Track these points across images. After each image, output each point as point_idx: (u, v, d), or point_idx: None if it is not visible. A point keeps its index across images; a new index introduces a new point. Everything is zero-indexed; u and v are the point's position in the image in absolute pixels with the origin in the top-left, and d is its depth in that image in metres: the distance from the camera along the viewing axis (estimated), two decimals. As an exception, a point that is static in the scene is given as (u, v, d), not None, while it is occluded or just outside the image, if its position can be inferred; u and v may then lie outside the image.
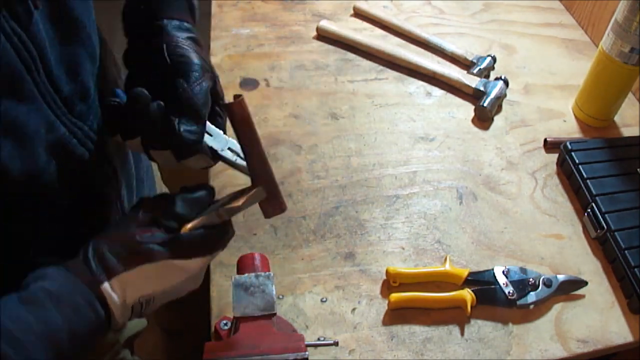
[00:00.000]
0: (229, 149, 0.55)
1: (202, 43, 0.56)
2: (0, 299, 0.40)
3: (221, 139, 0.54)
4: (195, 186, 0.52)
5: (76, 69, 0.49)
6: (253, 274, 0.61)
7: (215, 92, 0.53)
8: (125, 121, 0.50)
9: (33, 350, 0.39)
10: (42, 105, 0.45)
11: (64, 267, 0.44)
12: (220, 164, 0.55)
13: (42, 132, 0.45)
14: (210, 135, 0.53)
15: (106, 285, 0.44)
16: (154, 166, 0.85)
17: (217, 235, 0.51)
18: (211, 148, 0.53)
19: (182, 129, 0.48)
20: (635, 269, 0.71)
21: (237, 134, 0.51)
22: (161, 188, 0.88)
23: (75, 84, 0.49)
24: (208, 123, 0.52)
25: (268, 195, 0.52)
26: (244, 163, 0.53)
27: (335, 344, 0.64)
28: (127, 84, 0.53)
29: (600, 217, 0.76)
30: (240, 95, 0.49)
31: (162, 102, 0.49)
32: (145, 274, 0.46)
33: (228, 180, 0.81)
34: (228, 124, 0.53)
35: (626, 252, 0.72)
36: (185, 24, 0.54)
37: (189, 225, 0.49)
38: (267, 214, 0.53)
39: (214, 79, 0.53)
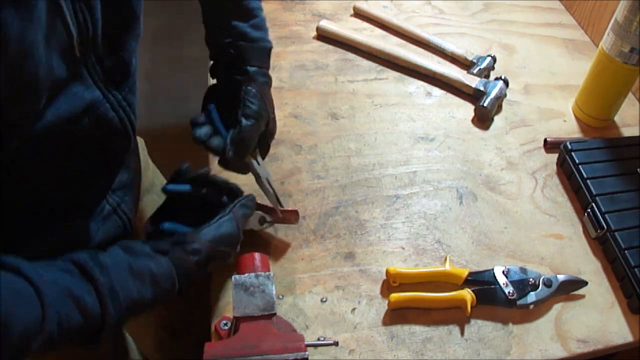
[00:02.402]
0: (267, 179, 0.72)
1: (271, 83, 0.72)
2: (112, 254, 0.54)
3: (264, 170, 0.71)
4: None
5: (119, 46, 0.56)
6: (253, 274, 0.61)
7: (265, 132, 0.70)
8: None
9: (124, 310, 0.52)
10: (84, 71, 0.52)
11: (174, 261, 0.57)
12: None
13: (81, 89, 0.52)
14: (259, 164, 0.71)
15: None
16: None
17: None
18: (255, 171, 0.71)
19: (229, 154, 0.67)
20: (635, 269, 0.71)
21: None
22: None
23: (117, 59, 0.56)
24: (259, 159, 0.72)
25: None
26: (271, 191, 0.72)
27: (335, 344, 0.64)
28: (207, 96, 0.72)
29: (600, 217, 0.76)
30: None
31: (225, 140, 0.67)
32: None
33: (227, 176, 0.81)
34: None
35: (626, 252, 0.72)
36: (264, 70, 0.70)
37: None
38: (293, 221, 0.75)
39: (267, 123, 0.69)
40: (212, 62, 0.73)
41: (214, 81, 0.73)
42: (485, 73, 1.00)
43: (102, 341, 0.52)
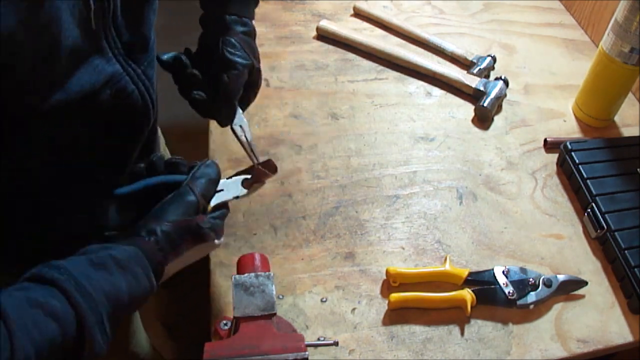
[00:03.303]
0: (240, 126, 0.67)
1: (255, 34, 0.70)
2: (68, 259, 0.47)
3: (240, 119, 0.67)
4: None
5: (138, 21, 0.57)
6: (253, 274, 0.61)
7: (249, 82, 0.67)
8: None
9: (102, 307, 0.45)
10: (103, 42, 0.53)
11: (134, 244, 0.51)
12: None
13: (102, 63, 0.53)
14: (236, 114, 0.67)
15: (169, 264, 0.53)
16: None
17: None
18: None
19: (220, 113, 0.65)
20: (635, 269, 0.71)
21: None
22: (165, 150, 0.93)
23: (136, 33, 0.57)
24: None
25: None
26: (245, 139, 0.68)
27: (335, 344, 0.64)
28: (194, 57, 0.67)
29: (600, 217, 0.76)
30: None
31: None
32: (193, 250, 0.56)
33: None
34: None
35: (626, 252, 0.72)
36: (245, 19, 0.68)
37: (213, 205, 0.60)
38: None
39: (252, 71, 0.66)
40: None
41: None
42: (485, 73, 1.00)
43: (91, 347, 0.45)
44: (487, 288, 0.71)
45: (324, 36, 1.06)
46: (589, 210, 0.78)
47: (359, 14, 1.12)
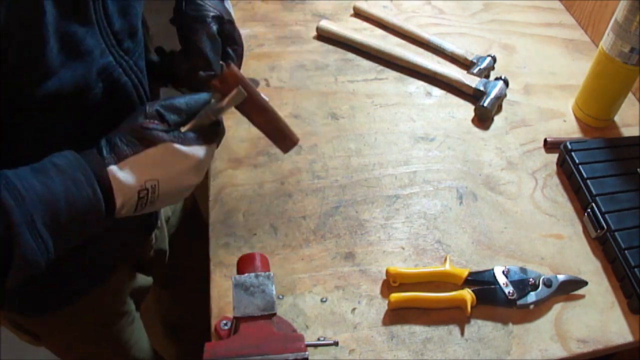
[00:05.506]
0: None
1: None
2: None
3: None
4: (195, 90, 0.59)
5: (127, 8, 0.56)
6: (253, 274, 0.61)
7: (225, 34, 0.64)
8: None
9: (33, 207, 0.43)
10: (96, 32, 0.51)
11: (77, 153, 0.49)
12: None
13: (96, 54, 0.52)
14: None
15: (113, 168, 0.50)
16: None
17: (212, 130, 0.57)
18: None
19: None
20: (635, 269, 0.71)
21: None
22: None
23: (125, 22, 0.56)
24: None
25: (263, 114, 0.62)
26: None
27: (335, 344, 0.64)
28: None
29: (600, 217, 0.76)
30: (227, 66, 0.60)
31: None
32: (152, 158, 0.52)
33: (228, 180, 0.81)
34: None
35: (626, 252, 0.72)
36: None
37: (186, 127, 0.55)
38: (283, 149, 0.65)
39: (221, 23, 0.63)
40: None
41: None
42: (485, 73, 1.00)
43: (19, 248, 0.43)
44: (487, 288, 0.71)
45: (324, 36, 1.06)
46: (589, 210, 0.78)
47: (359, 14, 1.12)
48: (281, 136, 0.64)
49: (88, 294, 0.73)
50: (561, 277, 0.72)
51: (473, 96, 0.96)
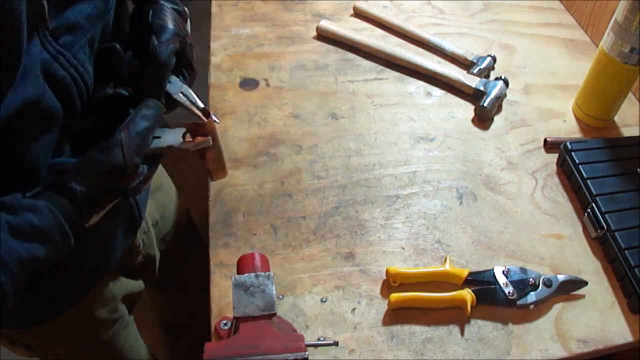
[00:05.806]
0: (182, 92, 0.62)
1: (187, 16, 0.66)
2: None
3: (176, 85, 0.62)
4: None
5: (65, 6, 0.54)
6: (253, 274, 0.61)
7: (183, 55, 0.63)
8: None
9: (15, 271, 0.47)
10: (33, 32, 0.50)
11: (54, 206, 0.51)
12: None
13: (37, 50, 0.51)
14: (169, 82, 0.61)
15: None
16: None
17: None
18: (166, 93, 0.61)
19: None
20: (635, 269, 0.71)
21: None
22: None
23: (62, 18, 0.54)
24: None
25: (214, 154, 0.63)
26: (191, 106, 0.62)
27: (335, 344, 0.64)
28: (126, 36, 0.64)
29: (600, 217, 0.76)
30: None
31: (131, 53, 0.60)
32: None
33: (228, 180, 0.81)
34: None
35: (626, 252, 0.72)
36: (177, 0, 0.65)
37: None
38: (215, 179, 0.67)
39: (184, 45, 0.62)
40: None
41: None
42: (485, 73, 1.00)
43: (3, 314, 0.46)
44: (487, 288, 0.71)
45: (324, 36, 1.06)
46: (589, 210, 0.78)
47: (359, 14, 1.12)
48: (220, 169, 0.67)
49: (78, 303, 0.72)
50: (561, 277, 0.72)
51: (473, 96, 0.96)
